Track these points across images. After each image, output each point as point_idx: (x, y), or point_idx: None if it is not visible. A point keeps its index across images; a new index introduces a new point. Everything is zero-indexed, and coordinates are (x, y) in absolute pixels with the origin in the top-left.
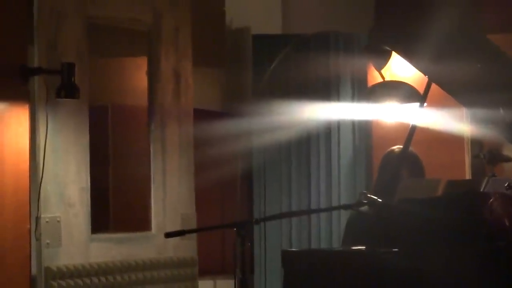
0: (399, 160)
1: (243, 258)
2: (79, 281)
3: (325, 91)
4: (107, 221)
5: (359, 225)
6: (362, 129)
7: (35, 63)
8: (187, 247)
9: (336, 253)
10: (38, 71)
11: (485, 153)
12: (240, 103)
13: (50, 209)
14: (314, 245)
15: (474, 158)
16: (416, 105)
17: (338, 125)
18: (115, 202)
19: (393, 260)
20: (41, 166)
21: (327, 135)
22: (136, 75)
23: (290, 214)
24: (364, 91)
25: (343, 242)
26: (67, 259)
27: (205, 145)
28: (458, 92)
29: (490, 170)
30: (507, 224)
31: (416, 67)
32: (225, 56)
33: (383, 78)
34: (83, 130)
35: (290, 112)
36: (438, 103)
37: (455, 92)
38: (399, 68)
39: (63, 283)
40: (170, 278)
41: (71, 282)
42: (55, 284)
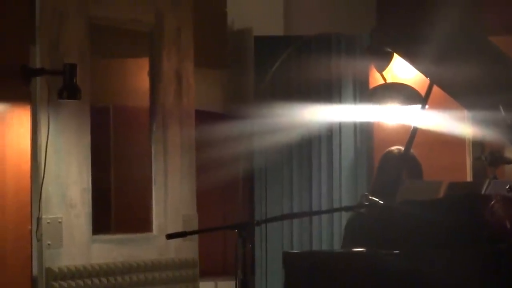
0: (401, 162)
1: (244, 260)
2: (80, 282)
3: (327, 93)
4: (109, 222)
5: (359, 227)
6: (364, 131)
7: (37, 64)
8: (188, 249)
9: (338, 255)
10: (40, 72)
11: (487, 155)
12: (242, 105)
13: (52, 210)
14: (316, 247)
15: (476, 160)
16: (418, 107)
17: (340, 127)
18: (117, 203)
19: (394, 262)
20: (43, 167)
21: (329, 137)
22: (138, 76)
23: (292, 216)
24: (366, 93)
25: (343, 245)
26: (68, 260)
27: (207, 147)
28: (460, 94)
29: (492, 172)
30: (508, 227)
31: (418, 69)
32: (227, 58)
33: (385, 80)
34: (85, 131)
35: (292, 114)
36: (440, 105)
37: (457, 94)
38: (401, 70)
39: (64, 284)
40: (171, 280)
41: (72, 283)
42: (56, 285)
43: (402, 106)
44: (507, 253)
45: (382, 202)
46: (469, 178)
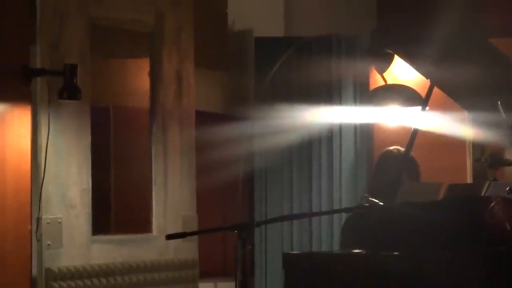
0: (400, 163)
1: (244, 261)
2: (80, 283)
3: (327, 94)
4: (108, 223)
5: (355, 229)
6: (364, 133)
7: (38, 64)
8: (188, 249)
9: (337, 256)
10: (41, 72)
11: (487, 157)
12: (242, 106)
13: (51, 210)
14: (315, 248)
15: (476, 162)
16: (418, 109)
17: (340, 129)
18: (117, 204)
19: (394, 264)
20: (43, 167)
21: (329, 138)
22: (138, 77)
23: (292, 217)
24: (366, 94)
25: (341, 247)
26: (68, 261)
27: (207, 147)
28: (460, 96)
29: (492, 174)
30: (508, 228)
31: (418, 71)
32: (227, 58)
33: (385, 82)
34: (85, 132)
35: (292, 115)
36: (440, 107)
37: (457, 96)
38: (401, 72)
39: (64, 285)
40: (171, 280)
41: (72, 284)
42: (56, 285)
43: (403, 108)
44: (507, 255)
45: (382, 204)
46: (469, 180)
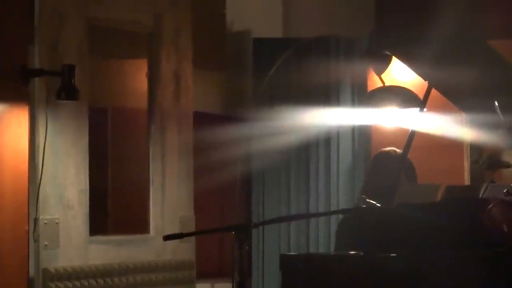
0: (397, 165)
1: (241, 262)
2: (77, 283)
3: (325, 95)
4: (106, 223)
5: (353, 230)
6: (362, 134)
7: (36, 64)
8: (186, 250)
9: (334, 257)
10: (39, 73)
11: (484, 159)
12: (240, 107)
13: (49, 211)
14: (313, 249)
15: (473, 164)
16: (416, 110)
17: (338, 130)
18: (114, 204)
19: (392, 265)
20: (40, 168)
21: (327, 140)
22: (136, 77)
23: (289, 218)
24: (364, 96)
25: (335, 249)
26: (65, 261)
27: (205, 148)
28: (458, 97)
29: (489, 176)
30: (506, 230)
31: (416, 72)
32: (226, 59)
33: (383, 83)
34: (83, 132)
35: (290, 117)
36: (438, 108)
37: (455, 97)
38: (399, 73)
39: (61, 285)
40: (168, 281)
41: (69, 284)
42: (53, 286)
43: (401, 109)
44: (505, 257)
45: (380, 205)
46: (467, 182)
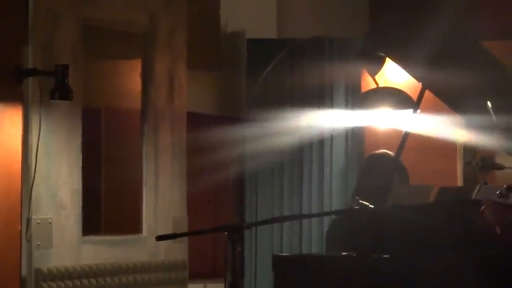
0: (390, 166)
1: (234, 262)
2: (70, 283)
3: (319, 96)
4: (99, 223)
5: (346, 231)
6: (355, 136)
7: (30, 64)
8: (178, 250)
9: (327, 258)
10: (33, 72)
11: (478, 161)
12: (234, 107)
13: (42, 211)
14: (305, 250)
15: (466, 166)
16: (410, 112)
17: (331, 131)
18: (107, 205)
19: (385, 266)
20: (33, 168)
21: (320, 142)
22: (130, 78)
23: (282, 219)
24: (358, 97)
25: (326, 249)
26: (58, 261)
27: (198, 149)
28: (451, 99)
29: (482, 178)
30: (499, 232)
31: (410, 73)
32: (220, 60)
33: (377, 84)
34: (76, 132)
35: (284, 118)
36: (432, 110)
37: (449, 99)
38: (393, 74)
39: (54, 285)
40: (161, 281)
41: (62, 284)
42: (46, 286)
43: (394, 111)
44: (498, 258)
45: (372, 206)
46: (460, 183)
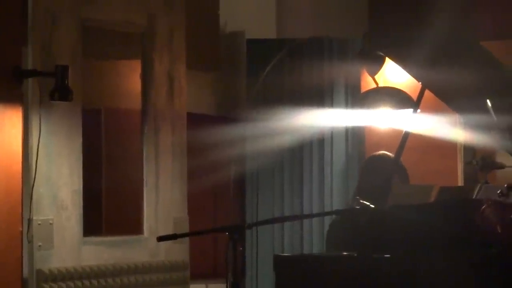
0: (390, 166)
1: (235, 263)
2: (71, 284)
3: (319, 96)
4: (100, 224)
5: (346, 231)
6: (355, 136)
7: (29, 65)
8: (179, 251)
9: (328, 258)
10: (32, 73)
11: (478, 160)
12: (234, 108)
13: (43, 212)
14: (306, 250)
15: (467, 165)
16: (410, 111)
17: (331, 131)
18: (108, 205)
19: (386, 266)
20: (34, 168)
21: (320, 142)
22: (130, 78)
23: (283, 219)
24: (358, 97)
25: (327, 249)
26: (59, 262)
27: (199, 149)
28: (451, 98)
29: (483, 177)
30: (500, 231)
31: (410, 73)
32: (219, 60)
33: (377, 84)
34: (76, 133)
35: (284, 118)
36: (432, 109)
37: (448, 98)
38: (393, 74)
39: (55, 286)
40: (162, 282)
41: (63, 285)
42: (47, 287)
43: (394, 110)
44: (498, 258)
45: (373, 206)
46: (461, 183)
